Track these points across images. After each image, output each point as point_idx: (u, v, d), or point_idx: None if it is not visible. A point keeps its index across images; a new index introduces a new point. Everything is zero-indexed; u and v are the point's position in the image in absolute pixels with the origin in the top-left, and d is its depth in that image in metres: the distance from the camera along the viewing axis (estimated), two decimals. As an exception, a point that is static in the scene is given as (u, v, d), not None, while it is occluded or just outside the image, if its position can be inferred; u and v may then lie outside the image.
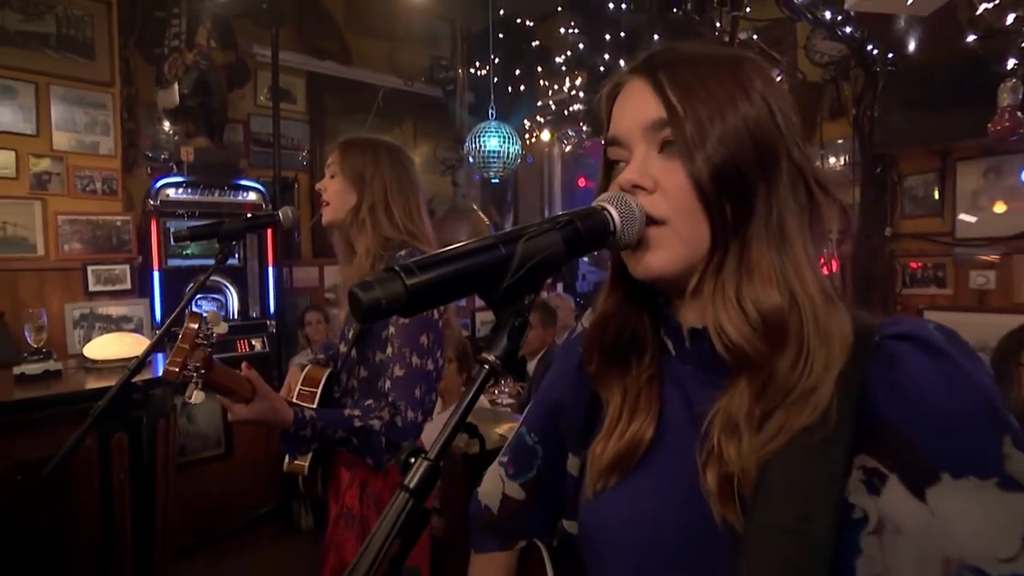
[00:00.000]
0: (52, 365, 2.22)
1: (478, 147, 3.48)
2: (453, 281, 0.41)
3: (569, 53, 3.95)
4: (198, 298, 3.24)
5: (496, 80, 3.85)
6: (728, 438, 0.50)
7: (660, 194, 0.52)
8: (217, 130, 3.44)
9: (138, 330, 3.01)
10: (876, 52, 2.80)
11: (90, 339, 2.59)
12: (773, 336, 0.49)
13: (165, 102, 3.19)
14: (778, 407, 0.48)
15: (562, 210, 0.52)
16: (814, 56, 3.16)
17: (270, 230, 3.36)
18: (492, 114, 3.57)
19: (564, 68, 4.03)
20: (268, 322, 3.46)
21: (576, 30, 3.79)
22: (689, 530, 0.53)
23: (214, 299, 3.41)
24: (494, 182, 4.03)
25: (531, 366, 3.36)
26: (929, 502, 0.43)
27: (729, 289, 0.50)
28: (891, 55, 2.76)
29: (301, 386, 1.37)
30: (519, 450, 0.74)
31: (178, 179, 3.17)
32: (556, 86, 4.19)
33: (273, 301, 3.49)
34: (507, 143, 3.51)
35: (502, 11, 4.06)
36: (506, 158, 3.53)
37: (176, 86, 3.11)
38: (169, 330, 1.30)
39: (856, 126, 3.06)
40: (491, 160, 3.51)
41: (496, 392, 2.96)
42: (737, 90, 0.51)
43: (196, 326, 1.05)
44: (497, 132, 3.50)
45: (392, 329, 1.28)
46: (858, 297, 3.07)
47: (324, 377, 1.37)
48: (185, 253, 3.24)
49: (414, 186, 1.42)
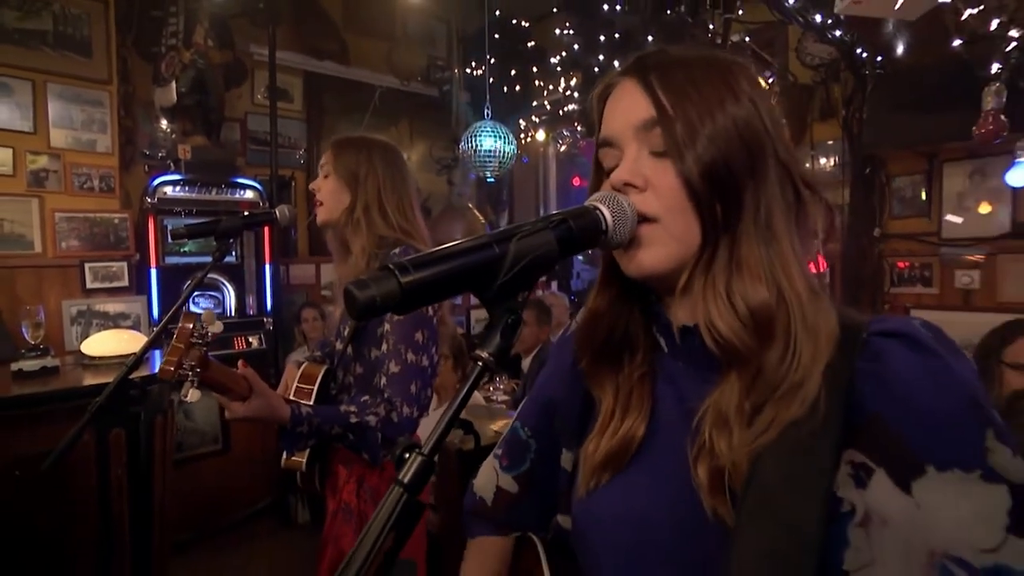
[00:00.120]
0: (50, 361, 2.20)
1: (474, 147, 3.49)
2: (447, 279, 0.42)
3: (564, 54, 3.97)
4: (195, 295, 3.25)
5: (492, 80, 3.86)
6: (719, 432, 0.50)
7: (651, 192, 0.52)
8: (214, 128, 3.45)
9: (135, 327, 3.01)
10: (865, 55, 2.83)
11: (87, 336, 2.59)
12: (762, 331, 0.49)
13: (162, 100, 3.20)
14: (768, 401, 0.49)
15: (557, 209, 0.54)
16: (805, 58, 3.19)
17: (267, 228, 3.37)
18: (488, 114, 3.57)
19: (559, 68, 4.05)
20: (265, 319, 3.48)
21: (571, 31, 3.80)
22: (682, 526, 0.53)
23: (211, 296, 3.42)
24: (489, 181, 4.05)
25: (526, 363, 3.38)
26: (915, 495, 0.43)
27: (719, 284, 0.51)
28: (880, 58, 2.79)
29: (298, 383, 1.37)
30: (513, 443, 0.75)
31: (175, 177, 3.18)
32: (551, 86, 4.20)
33: (270, 298, 3.51)
34: (502, 143, 3.52)
35: (498, 12, 4.06)
36: (501, 157, 3.53)
37: (173, 84, 3.12)
38: (167, 327, 1.30)
39: (846, 127, 3.10)
40: (487, 160, 3.51)
41: (491, 389, 2.97)
42: (726, 92, 0.52)
43: (191, 325, 1.05)
44: (493, 132, 3.50)
45: (387, 326, 1.28)
46: (847, 296, 3.11)
47: (321, 374, 1.37)
48: (182, 250, 3.25)
49: (407, 184, 1.41)
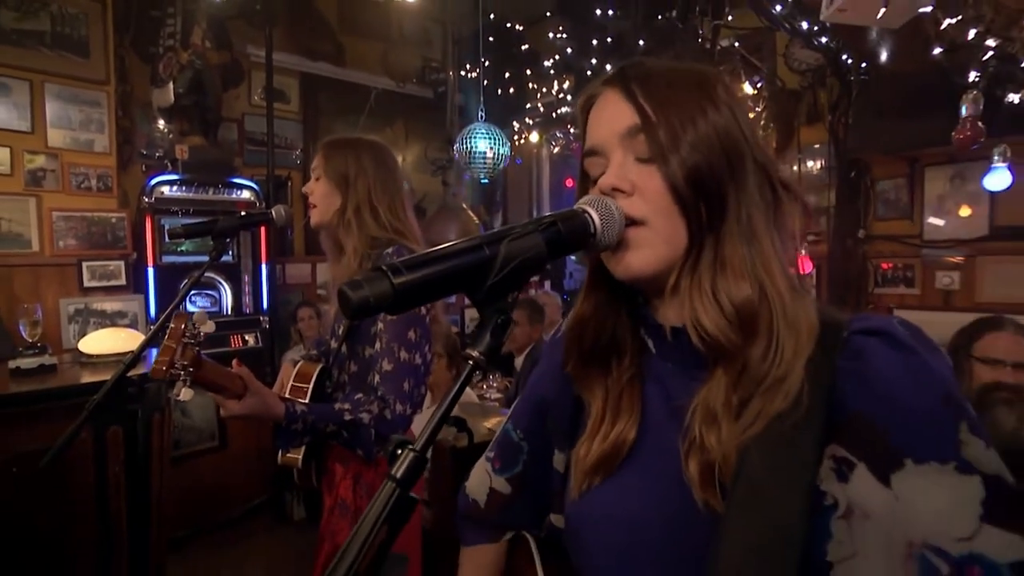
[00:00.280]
0: (47, 359, 2.21)
1: (468, 148, 3.52)
2: (439, 280, 0.43)
3: (557, 57, 4.02)
4: (192, 294, 3.28)
5: (486, 82, 3.90)
6: (708, 427, 0.52)
7: (639, 196, 0.53)
8: (212, 129, 3.48)
9: (133, 325, 3.04)
10: (850, 61, 2.90)
11: (85, 334, 2.60)
12: (746, 327, 0.51)
13: (160, 101, 3.22)
14: (754, 395, 0.50)
15: (550, 209, 0.58)
16: (793, 63, 3.25)
17: (263, 228, 3.39)
18: (482, 116, 3.60)
19: (552, 72, 4.09)
20: (261, 318, 3.51)
21: (564, 35, 3.85)
22: (673, 524, 0.54)
23: (208, 295, 3.45)
24: (483, 182, 4.09)
25: (518, 362, 3.42)
26: (894, 487, 0.45)
27: (705, 283, 0.52)
28: (864, 64, 2.86)
29: (294, 381, 1.39)
30: (505, 446, 0.75)
31: (173, 177, 3.21)
32: (544, 89, 4.25)
33: (266, 297, 3.54)
34: (496, 144, 3.55)
35: (492, 15, 4.11)
36: (495, 159, 3.56)
37: (171, 85, 3.15)
38: (164, 326, 1.30)
39: (832, 131, 3.16)
40: (480, 161, 3.55)
41: (484, 387, 3.00)
42: (705, 100, 0.54)
43: (183, 325, 1.07)
44: (487, 134, 3.53)
45: (381, 325, 1.30)
46: (833, 296, 3.17)
47: (316, 372, 1.39)
48: (179, 250, 3.28)
49: (398, 184, 1.41)
